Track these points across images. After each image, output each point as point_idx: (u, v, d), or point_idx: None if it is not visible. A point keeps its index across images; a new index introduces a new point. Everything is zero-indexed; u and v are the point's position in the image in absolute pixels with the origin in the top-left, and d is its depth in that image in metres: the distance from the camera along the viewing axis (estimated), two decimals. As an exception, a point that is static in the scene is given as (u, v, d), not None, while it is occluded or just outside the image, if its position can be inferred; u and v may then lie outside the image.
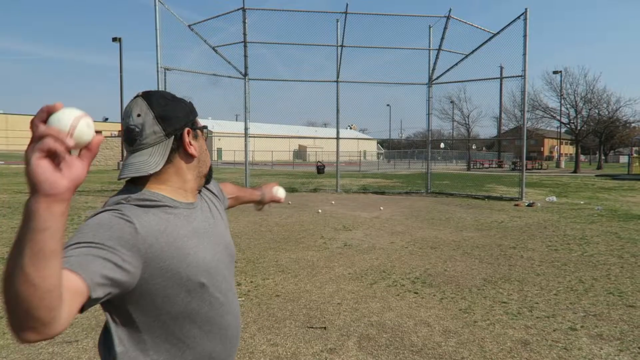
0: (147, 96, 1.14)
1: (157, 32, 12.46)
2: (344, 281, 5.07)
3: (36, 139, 0.73)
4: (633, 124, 45.53)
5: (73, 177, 0.77)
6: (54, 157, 0.74)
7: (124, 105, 1.17)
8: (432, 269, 5.57)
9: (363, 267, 5.68)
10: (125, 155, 1.16)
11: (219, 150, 58.91)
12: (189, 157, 1.18)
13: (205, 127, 1.25)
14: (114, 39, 34.00)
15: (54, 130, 0.74)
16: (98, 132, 0.83)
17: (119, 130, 45.23)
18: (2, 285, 0.76)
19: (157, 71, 12.58)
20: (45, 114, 0.76)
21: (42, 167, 0.73)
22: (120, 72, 33.91)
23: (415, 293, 4.66)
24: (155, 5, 12.43)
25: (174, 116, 1.14)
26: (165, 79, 12.86)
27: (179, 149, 1.16)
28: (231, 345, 1.24)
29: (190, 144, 1.17)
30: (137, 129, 1.10)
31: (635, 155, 32.02)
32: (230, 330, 1.23)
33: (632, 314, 4.04)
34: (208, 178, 1.28)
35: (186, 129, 1.17)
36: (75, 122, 0.77)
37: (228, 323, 1.22)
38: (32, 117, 0.76)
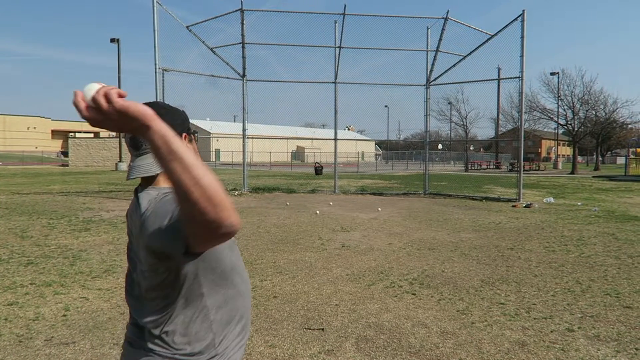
0: (154, 105, 1.30)
1: (155, 33, 12.45)
2: (342, 282, 5.07)
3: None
4: (630, 125, 45.66)
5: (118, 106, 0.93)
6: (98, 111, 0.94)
7: None
8: (430, 270, 5.58)
9: (361, 268, 5.68)
10: (131, 158, 1.36)
11: (217, 151, 58.85)
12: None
13: (195, 132, 1.44)
14: (112, 40, 33.98)
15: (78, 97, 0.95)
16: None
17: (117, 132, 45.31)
18: (195, 190, 0.92)
19: (155, 72, 12.57)
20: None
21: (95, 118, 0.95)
22: (119, 73, 33.88)
23: (413, 294, 4.66)
24: (153, 7, 12.42)
25: (173, 123, 1.25)
26: (163, 80, 12.85)
27: None
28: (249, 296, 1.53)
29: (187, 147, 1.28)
30: None
31: (632, 156, 32.11)
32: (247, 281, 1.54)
33: (629, 315, 4.06)
34: None
35: (183, 134, 1.37)
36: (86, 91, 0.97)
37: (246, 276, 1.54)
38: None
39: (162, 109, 1.32)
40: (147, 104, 1.26)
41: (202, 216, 0.94)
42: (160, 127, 0.95)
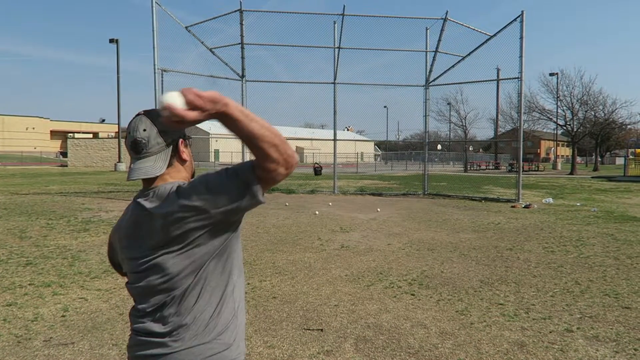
0: (149, 114, 1.43)
1: (154, 34, 12.45)
2: (341, 283, 5.07)
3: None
4: (629, 126, 45.72)
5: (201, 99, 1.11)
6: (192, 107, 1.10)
7: (121, 107, 1.29)
8: (429, 271, 5.58)
9: (360, 268, 5.68)
10: (131, 160, 1.45)
11: (216, 152, 58.79)
12: (183, 161, 1.49)
13: (190, 137, 1.57)
14: (111, 40, 33.98)
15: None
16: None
17: (116, 132, 45.03)
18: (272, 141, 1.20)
19: (154, 72, 12.57)
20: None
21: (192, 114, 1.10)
22: (118, 73, 33.88)
23: (412, 295, 4.66)
24: (152, 7, 12.43)
25: (171, 130, 1.42)
26: (162, 80, 12.85)
27: (175, 155, 1.46)
28: None
29: (183, 151, 1.48)
30: (144, 141, 1.40)
31: (631, 157, 32.14)
32: None
33: (628, 316, 4.06)
34: (194, 176, 1.56)
35: (180, 140, 1.47)
36: (170, 100, 1.10)
37: None
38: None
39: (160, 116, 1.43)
40: (149, 111, 1.44)
41: (281, 154, 1.20)
42: (232, 101, 1.16)
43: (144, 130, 1.41)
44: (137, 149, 1.41)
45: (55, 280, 5.02)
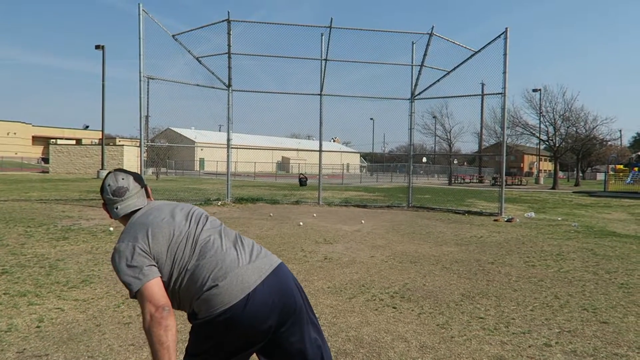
0: (120, 170, 2.07)
1: (141, 41, 12.40)
2: (323, 295, 5.05)
3: None
4: (609, 142, 46.65)
5: None
6: None
7: (106, 113, 1.33)
8: (411, 284, 5.59)
9: (342, 281, 5.67)
10: (111, 205, 1.98)
11: (202, 161, 58.46)
12: (149, 197, 2.15)
13: (146, 185, 2.18)
14: (97, 47, 33.70)
15: None
16: None
17: (99, 139, 44.46)
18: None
19: (140, 80, 12.50)
20: None
21: None
22: (103, 80, 33.59)
23: (394, 308, 4.66)
24: (139, 15, 12.39)
25: (140, 178, 2.09)
26: (148, 88, 12.78)
27: (146, 193, 2.12)
28: None
29: (150, 193, 2.17)
30: (125, 186, 2.00)
31: (611, 172, 32.75)
32: None
33: (605, 330, 4.11)
34: None
35: (146, 186, 2.14)
36: None
37: None
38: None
39: (130, 172, 2.10)
40: (118, 169, 2.11)
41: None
42: None
43: (122, 179, 2.00)
44: (120, 193, 1.96)
45: (32, 290, 4.91)
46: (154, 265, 1.79)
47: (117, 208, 1.92)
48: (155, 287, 1.73)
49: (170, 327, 1.66)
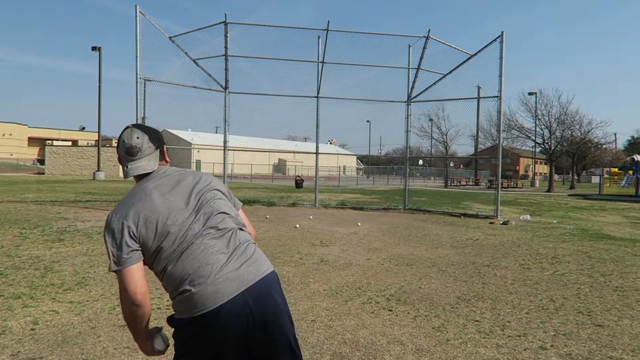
0: (138, 126, 1.93)
1: (138, 43, 12.39)
2: (319, 298, 5.04)
3: None
4: (604, 146, 46.87)
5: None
6: None
7: (102, 115, 1.31)
8: (407, 287, 5.59)
9: (339, 283, 5.67)
10: (123, 163, 1.88)
11: (198, 162, 58.35)
12: (165, 162, 2.02)
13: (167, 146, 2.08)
14: (94, 48, 33.65)
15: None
16: None
17: (96, 140, 44.36)
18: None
19: (137, 82, 12.48)
20: None
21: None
22: (99, 81, 33.52)
23: (390, 310, 4.66)
24: (136, 16, 12.38)
25: (157, 138, 1.95)
26: (144, 89, 12.75)
27: (161, 156, 1.98)
28: None
29: (166, 154, 2.03)
30: (138, 146, 1.86)
31: (606, 175, 32.89)
32: None
33: (600, 333, 4.12)
34: None
35: (163, 145, 1.99)
36: None
37: None
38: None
39: (148, 128, 1.95)
40: (137, 124, 1.94)
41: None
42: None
43: (137, 137, 1.86)
44: (132, 153, 1.84)
45: (26, 292, 4.88)
46: (138, 250, 1.73)
47: (127, 167, 1.84)
48: (135, 272, 1.69)
49: (142, 307, 1.70)
